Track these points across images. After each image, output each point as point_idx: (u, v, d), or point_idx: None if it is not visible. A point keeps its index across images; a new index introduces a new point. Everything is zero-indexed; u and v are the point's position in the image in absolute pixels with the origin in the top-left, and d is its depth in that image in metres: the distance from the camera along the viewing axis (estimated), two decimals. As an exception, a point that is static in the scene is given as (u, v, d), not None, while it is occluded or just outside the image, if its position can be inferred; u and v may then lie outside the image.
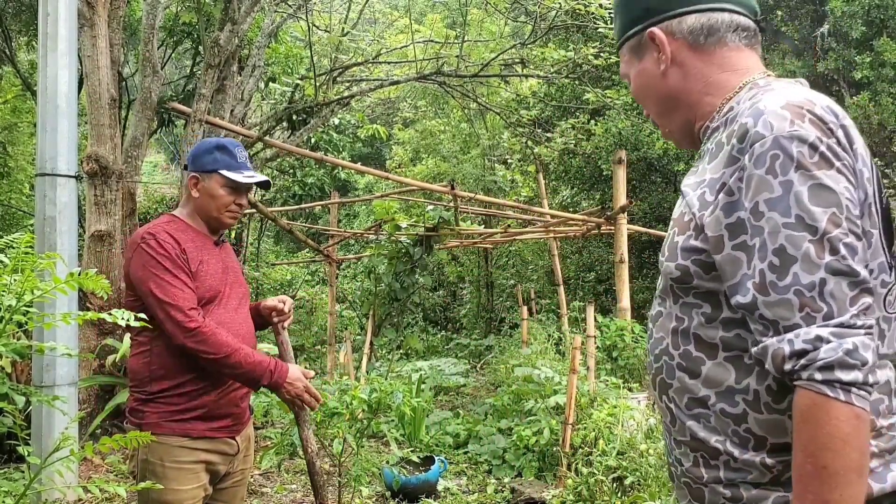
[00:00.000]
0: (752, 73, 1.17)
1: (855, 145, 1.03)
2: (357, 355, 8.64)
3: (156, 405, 2.12)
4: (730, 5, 1.18)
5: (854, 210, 0.99)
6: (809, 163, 0.97)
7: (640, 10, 1.21)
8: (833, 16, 9.70)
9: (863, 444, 0.94)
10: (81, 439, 4.66)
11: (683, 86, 1.20)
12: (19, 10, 9.38)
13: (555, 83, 10.74)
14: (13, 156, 11.41)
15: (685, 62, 1.19)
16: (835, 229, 0.96)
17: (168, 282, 2.05)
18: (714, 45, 1.18)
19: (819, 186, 0.97)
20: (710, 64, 1.18)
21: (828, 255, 0.95)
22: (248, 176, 2.23)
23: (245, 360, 2.06)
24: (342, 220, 14.81)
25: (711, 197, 1.06)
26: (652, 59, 1.21)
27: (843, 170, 0.99)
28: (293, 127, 6.66)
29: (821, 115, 1.00)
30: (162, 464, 2.09)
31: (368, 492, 4.41)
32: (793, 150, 0.98)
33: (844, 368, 0.93)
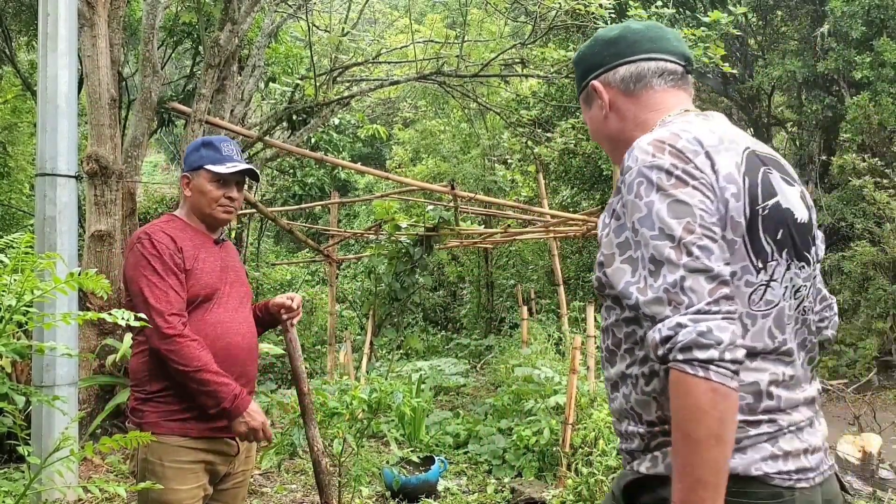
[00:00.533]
0: (671, 111, 1.36)
1: (717, 167, 1.20)
2: (357, 355, 8.64)
3: (155, 404, 2.12)
4: (656, 54, 1.38)
5: (709, 218, 1.16)
6: (666, 185, 1.17)
7: (585, 68, 1.45)
8: (833, 16, 9.69)
9: (722, 413, 1.08)
10: (81, 439, 4.65)
11: (621, 126, 1.41)
12: (19, 10, 9.38)
13: (555, 83, 10.72)
14: (13, 156, 11.41)
15: (620, 106, 1.41)
16: (689, 235, 1.13)
17: (155, 284, 2.06)
18: (642, 90, 1.38)
19: (675, 202, 1.16)
20: (639, 106, 1.39)
21: (685, 257, 1.12)
22: (231, 166, 2.23)
23: (213, 380, 2.04)
24: (342, 220, 14.80)
25: (608, 220, 1.30)
26: (597, 106, 1.44)
27: (699, 187, 1.17)
28: (293, 127, 6.66)
29: (681, 146, 1.21)
30: (161, 463, 2.09)
31: (368, 492, 4.40)
32: (652, 176, 1.18)
33: (700, 348, 1.07)
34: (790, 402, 1.22)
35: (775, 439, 1.19)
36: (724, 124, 1.33)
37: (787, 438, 1.20)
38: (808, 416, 1.25)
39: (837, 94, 10.50)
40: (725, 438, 1.09)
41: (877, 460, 4.43)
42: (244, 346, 2.23)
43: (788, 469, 1.18)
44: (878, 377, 8.86)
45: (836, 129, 10.56)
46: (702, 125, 1.29)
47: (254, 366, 2.31)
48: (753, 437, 1.18)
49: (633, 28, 1.42)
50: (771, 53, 11.29)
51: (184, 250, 2.14)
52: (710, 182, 1.18)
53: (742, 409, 1.16)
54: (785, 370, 1.23)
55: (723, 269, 1.13)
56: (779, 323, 1.23)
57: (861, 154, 9.31)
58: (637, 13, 6.20)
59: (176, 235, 2.17)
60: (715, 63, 6.35)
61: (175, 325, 2.03)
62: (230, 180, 2.25)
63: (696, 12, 10.27)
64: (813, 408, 1.28)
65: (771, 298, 1.22)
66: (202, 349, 2.05)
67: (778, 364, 1.22)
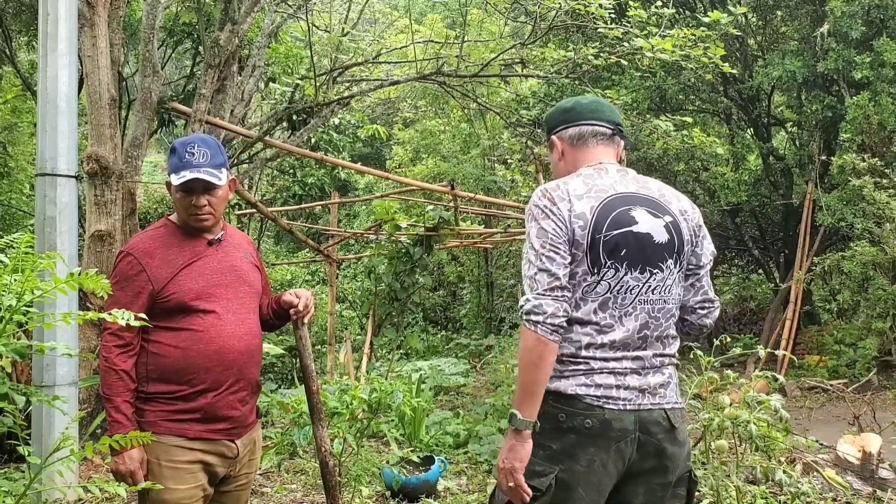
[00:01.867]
0: (592, 163, 2.00)
1: (573, 209, 1.86)
2: (357, 355, 8.64)
3: (155, 404, 2.12)
4: (593, 121, 2.04)
5: (557, 240, 1.84)
6: (538, 216, 1.87)
7: (549, 126, 2.12)
8: (833, 16, 9.67)
9: (540, 353, 1.79)
10: (81, 439, 4.65)
11: (566, 168, 2.05)
12: (19, 10, 9.37)
13: (555, 83, 10.72)
14: (13, 156, 11.40)
15: (567, 155, 2.07)
16: (542, 249, 1.83)
17: (116, 300, 2.11)
18: (582, 145, 2.04)
19: (539, 228, 1.86)
20: (577, 156, 2.04)
21: (538, 261, 1.83)
22: (181, 177, 2.14)
23: (111, 411, 2.09)
24: (342, 220, 14.79)
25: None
26: (556, 152, 2.10)
27: (556, 220, 1.85)
28: (293, 127, 6.66)
29: (554, 194, 1.89)
30: (159, 463, 2.10)
31: (368, 492, 4.40)
32: (534, 210, 1.89)
33: (534, 314, 1.79)
34: (605, 356, 1.85)
35: (589, 375, 1.84)
36: (609, 177, 1.96)
37: (601, 377, 1.84)
38: (631, 367, 1.86)
39: (837, 94, 10.49)
40: (541, 368, 1.80)
41: (877, 460, 4.43)
42: (241, 350, 2.20)
43: (597, 394, 1.83)
44: (878, 377, 8.85)
45: (836, 129, 10.55)
46: (588, 179, 1.94)
47: (255, 368, 2.28)
48: (572, 370, 1.85)
49: (582, 102, 2.08)
50: (771, 53, 11.28)
51: (160, 265, 2.16)
52: (564, 218, 1.86)
53: (568, 353, 1.85)
54: (603, 337, 1.85)
55: (558, 271, 1.82)
56: (603, 307, 1.86)
57: (861, 154, 9.30)
58: (637, 13, 6.20)
59: (156, 249, 2.18)
60: (715, 63, 6.35)
61: (108, 347, 2.11)
62: (193, 188, 2.17)
63: (696, 12, 10.27)
64: (641, 363, 1.88)
65: (599, 291, 1.86)
66: (119, 379, 2.10)
67: (597, 332, 1.86)
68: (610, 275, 1.85)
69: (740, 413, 3.27)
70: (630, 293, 1.86)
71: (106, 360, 2.10)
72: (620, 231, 1.86)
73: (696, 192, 13.15)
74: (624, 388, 1.84)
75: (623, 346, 1.86)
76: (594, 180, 1.93)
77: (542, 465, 1.82)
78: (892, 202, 8.68)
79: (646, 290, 1.88)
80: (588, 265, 1.85)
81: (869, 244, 9.12)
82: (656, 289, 1.89)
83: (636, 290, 1.87)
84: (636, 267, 1.87)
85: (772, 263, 13.68)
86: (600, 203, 1.87)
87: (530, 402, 1.80)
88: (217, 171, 2.19)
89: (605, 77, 10.88)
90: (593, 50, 6.65)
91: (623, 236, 1.85)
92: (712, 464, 3.48)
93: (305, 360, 2.45)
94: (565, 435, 1.83)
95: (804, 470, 4.33)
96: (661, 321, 1.91)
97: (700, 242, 2.00)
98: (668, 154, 10.57)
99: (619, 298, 1.86)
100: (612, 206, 1.88)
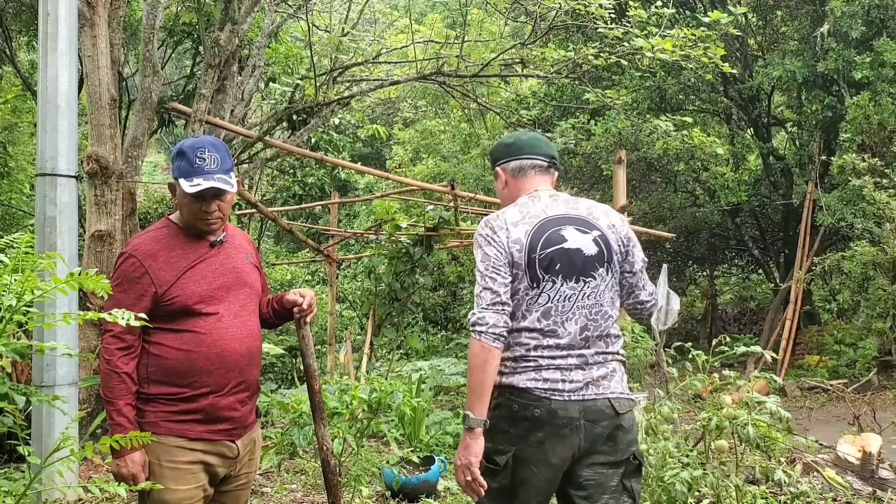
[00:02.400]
0: (530, 191, 2.31)
1: (510, 235, 2.17)
2: (357, 355, 8.64)
3: (156, 405, 2.12)
4: (531, 155, 2.34)
5: (497, 263, 2.14)
6: (482, 243, 2.18)
7: (494, 158, 2.42)
8: (833, 16, 9.67)
9: (484, 358, 2.07)
10: (81, 439, 4.65)
11: (510, 196, 2.35)
12: (19, 10, 9.38)
13: (555, 83, 10.73)
14: (13, 156, 11.41)
15: (510, 184, 2.36)
16: (486, 271, 2.14)
17: (117, 302, 2.08)
18: (522, 176, 2.34)
19: (483, 253, 2.16)
20: (518, 185, 2.34)
21: (482, 281, 2.14)
22: (196, 184, 2.11)
23: (113, 415, 2.08)
24: (342, 220, 14.80)
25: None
26: (500, 182, 2.40)
27: (496, 246, 2.15)
28: (293, 127, 6.65)
29: (494, 224, 2.20)
30: (159, 463, 2.09)
31: (368, 492, 4.40)
32: (479, 238, 2.20)
33: (478, 325, 2.09)
34: (551, 355, 2.13)
35: (538, 371, 2.12)
36: (542, 203, 2.27)
37: (549, 372, 2.11)
38: (576, 363, 2.14)
39: (837, 94, 10.49)
40: (486, 371, 2.08)
41: (877, 460, 4.43)
42: (242, 352, 2.20)
43: (545, 388, 2.10)
44: (878, 377, 8.86)
45: (836, 129, 10.55)
46: (523, 207, 2.26)
47: (255, 369, 2.28)
48: (524, 367, 2.13)
49: (521, 139, 2.39)
50: (771, 53, 11.28)
51: (163, 267, 2.13)
52: (503, 244, 2.17)
53: (519, 354, 2.14)
54: (549, 340, 2.14)
55: (499, 289, 2.12)
56: (545, 315, 2.15)
57: (861, 154, 9.30)
58: (637, 13, 6.20)
59: (159, 251, 2.15)
60: (715, 63, 6.35)
61: (110, 350, 2.09)
62: (205, 195, 2.14)
63: (696, 12, 10.27)
64: (585, 360, 2.15)
65: (541, 302, 2.15)
66: (121, 381, 2.08)
67: (542, 336, 2.14)
68: (548, 287, 2.16)
69: (739, 413, 3.27)
70: (568, 301, 2.16)
71: (108, 362, 2.08)
72: (553, 249, 2.17)
73: (697, 192, 13.16)
74: (569, 381, 2.12)
75: (568, 346, 2.15)
76: (528, 208, 2.25)
77: (501, 445, 2.13)
78: (892, 202, 8.68)
79: (581, 297, 2.18)
80: (528, 281, 2.16)
81: (869, 244, 9.12)
82: (591, 295, 2.19)
83: (573, 297, 2.17)
84: (571, 278, 2.17)
85: (772, 263, 13.68)
86: (533, 227, 2.19)
87: (479, 402, 2.09)
88: (229, 178, 2.17)
89: (605, 77, 10.89)
90: (593, 50, 6.65)
91: (556, 253, 2.17)
92: (712, 464, 3.48)
93: (308, 359, 2.45)
94: (519, 422, 2.11)
95: (804, 470, 4.33)
96: (600, 322, 2.20)
97: (631, 251, 2.29)
98: (668, 154, 10.57)
99: (560, 307, 2.16)
100: (544, 229, 2.20)
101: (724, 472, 3.40)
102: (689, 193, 13.33)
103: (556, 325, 2.15)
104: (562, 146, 10.45)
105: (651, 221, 12.35)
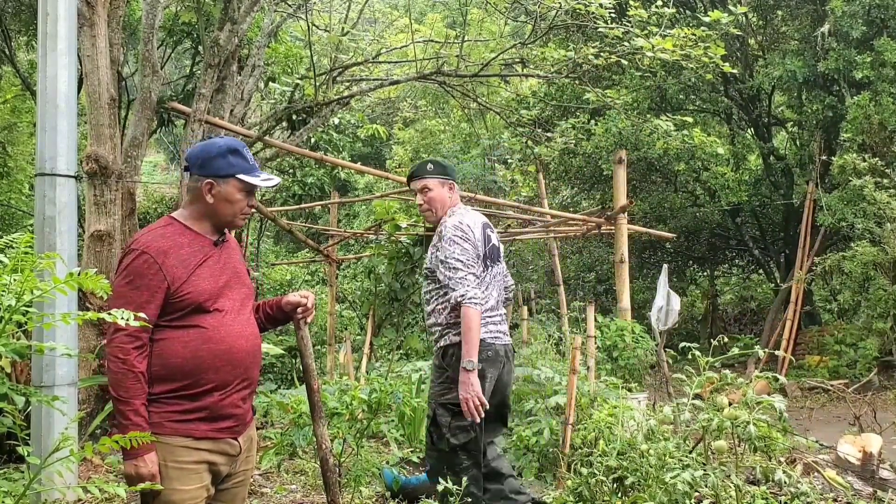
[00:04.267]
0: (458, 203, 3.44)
1: (476, 234, 3.28)
2: (357, 355, 8.64)
3: (159, 405, 2.10)
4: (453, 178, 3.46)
5: (472, 254, 3.22)
6: (460, 240, 3.22)
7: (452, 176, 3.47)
8: (833, 15, 9.66)
9: (477, 320, 3.10)
10: (81, 439, 4.65)
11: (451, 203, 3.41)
12: (19, 9, 9.37)
13: (555, 83, 10.72)
14: (13, 156, 11.40)
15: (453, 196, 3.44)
16: (469, 260, 3.20)
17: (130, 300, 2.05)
18: (457, 191, 3.47)
19: (462, 248, 3.20)
20: (455, 197, 3.43)
21: (465, 268, 3.18)
22: (266, 179, 2.27)
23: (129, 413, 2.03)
24: (342, 220, 14.79)
25: (434, 249, 3.32)
26: (453, 192, 3.44)
27: (470, 242, 3.26)
28: (293, 127, 6.65)
29: (464, 224, 3.27)
30: (165, 464, 2.08)
31: (368, 492, 4.40)
32: (455, 236, 3.22)
33: (473, 299, 3.10)
34: (490, 315, 3.25)
35: (486, 326, 3.20)
36: (472, 212, 3.46)
37: (492, 326, 3.25)
38: (498, 319, 3.33)
39: (838, 93, 10.48)
40: (479, 328, 3.10)
41: (877, 460, 4.43)
42: (248, 350, 2.22)
43: (490, 337, 3.21)
44: (878, 377, 8.85)
45: (837, 129, 10.55)
46: (468, 214, 3.39)
47: (257, 368, 2.30)
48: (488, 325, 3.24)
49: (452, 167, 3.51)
50: (771, 53, 11.27)
51: (176, 264, 2.12)
52: (474, 240, 3.25)
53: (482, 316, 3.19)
54: (487, 304, 3.23)
55: (477, 272, 3.20)
56: (488, 288, 3.27)
57: (861, 154, 9.30)
58: (637, 13, 6.19)
59: (170, 248, 2.14)
60: (715, 63, 6.34)
61: (126, 349, 2.03)
62: (252, 191, 2.27)
63: (696, 12, 10.27)
64: (502, 318, 3.38)
65: (486, 280, 3.29)
66: (136, 381, 2.04)
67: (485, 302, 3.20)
68: (489, 269, 3.33)
69: (740, 413, 3.27)
70: (495, 279, 3.36)
71: (123, 361, 2.03)
72: (490, 244, 3.36)
73: (697, 191, 13.16)
74: (501, 332, 3.33)
75: (493, 308, 3.31)
76: (472, 215, 3.40)
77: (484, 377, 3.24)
78: (892, 202, 8.68)
79: (498, 275, 3.40)
80: (485, 266, 3.30)
81: (869, 244, 9.12)
82: (499, 275, 3.43)
83: (497, 276, 3.39)
84: (496, 264, 3.38)
85: (772, 263, 13.68)
86: (481, 229, 3.33)
87: (475, 351, 3.08)
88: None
89: (606, 77, 10.89)
90: (593, 50, 6.65)
91: (491, 247, 3.36)
92: (712, 464, 3.48)
93: (306, 359, 2.46)
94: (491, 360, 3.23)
95: (804, 470, 4.32)
96: (502, 292, 3.46)
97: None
98: (669, 154, 10.56)
99: (493, 282, 3.35)
100: (483, 230, 3.35)
101: (725, 473, 3.40)
102: (689, 193, 13.32)
103: (490, 295, 3.30)
104: (562, 146, 10.46)
105: (651, 221, 12.35)
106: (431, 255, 3.34)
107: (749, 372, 9.33)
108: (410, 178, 3.50)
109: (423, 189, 3.41)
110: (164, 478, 2.07)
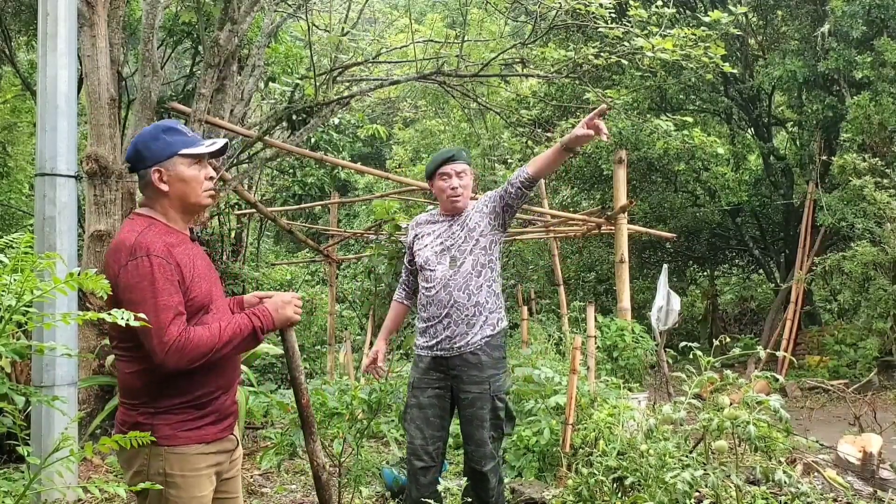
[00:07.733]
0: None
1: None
2: (357, 355, 8.64)
3: (167, 417, 2.03)
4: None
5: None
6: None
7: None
8: (833, 15, 9.66)
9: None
10: (81, 439, 4.65)
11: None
12: (19, 9, 9.37)
13: (555, 83, 10.72)
14: (13, 156, 11.40)
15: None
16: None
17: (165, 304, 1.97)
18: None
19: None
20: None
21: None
22: (210, 144, 2.15)
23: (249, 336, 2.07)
24: (342, 220, 14.79)
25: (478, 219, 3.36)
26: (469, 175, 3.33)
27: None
28: (293, 127, 6.65)
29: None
30: (182, 474, 2.03)
31: (368, 492, 4.40)
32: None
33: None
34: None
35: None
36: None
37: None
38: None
39: (838, 93, 10.48)
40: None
41: (877, 460, 4.43)
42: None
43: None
44: (878, 377, 8.85)
45: (837, 129, 10.54)
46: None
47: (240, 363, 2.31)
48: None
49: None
50: (771, 53, 11.27)
51: (180, 263, 2.03)
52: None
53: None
54: None
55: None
56: None
57: (861, 154, 9.30)
58: (637, 13, 6.19)
59: (170, 248, 2.03)
60: (715, 63, 6.34)
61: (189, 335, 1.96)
62: (206, 161, 2.16)
63: (696, 12, 10.27)
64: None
65: None
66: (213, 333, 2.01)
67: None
68: None
69: (740, 413, 3.27)
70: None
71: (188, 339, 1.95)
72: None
73: (697, 191, 13.15)
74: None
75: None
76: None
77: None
78: (892, 202, 8.68)
79: None
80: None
81: (870, 244, 9.12)
82: None
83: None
84: None
85: (772, 263, 13.68)
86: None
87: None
88: None
89: (606, 77, 10.88)
90: (593, 49, 6.65)
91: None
92: (712, 464, 3.48)
93: (294, 371, 2.33)
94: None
95: (805, 470, 4.32)
96: None
97: None
98: (669, 154, 10.56)
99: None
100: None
101: (725, 473, 3.40)
102: (689, 193, 13.32)
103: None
104: (562, 146, 10.43)
105: (651, 221, 12.34)
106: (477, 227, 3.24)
107: (749, 372, 9.32)
108: (448, 160, 3.24)
109: (462, 174, 3.23)
110: (182, 488, 2.03)
